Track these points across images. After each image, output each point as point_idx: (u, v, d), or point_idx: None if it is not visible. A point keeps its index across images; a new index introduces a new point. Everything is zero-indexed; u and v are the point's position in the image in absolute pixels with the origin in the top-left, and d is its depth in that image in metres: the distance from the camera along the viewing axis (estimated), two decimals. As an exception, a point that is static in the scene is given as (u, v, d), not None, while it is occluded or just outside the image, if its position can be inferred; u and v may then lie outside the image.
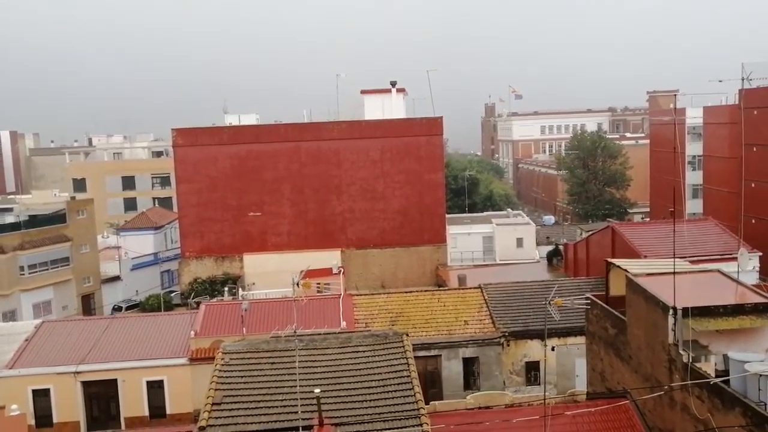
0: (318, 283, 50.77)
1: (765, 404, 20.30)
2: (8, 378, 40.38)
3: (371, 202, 69.96)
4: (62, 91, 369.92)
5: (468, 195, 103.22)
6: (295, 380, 22.26)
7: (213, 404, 22.63)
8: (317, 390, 21.14)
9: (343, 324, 42.67)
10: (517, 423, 25.46)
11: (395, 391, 22.93)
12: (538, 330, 41.63)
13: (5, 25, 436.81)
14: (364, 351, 25.34)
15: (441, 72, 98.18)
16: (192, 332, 42.87)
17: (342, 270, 60.08)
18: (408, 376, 23.62)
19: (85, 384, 41.35)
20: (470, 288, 48.41)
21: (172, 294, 74.15)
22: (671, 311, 23.65)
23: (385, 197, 70.01)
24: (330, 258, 62.80)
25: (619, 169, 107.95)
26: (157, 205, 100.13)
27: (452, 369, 41.93)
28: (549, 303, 28.24)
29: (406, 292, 48.71)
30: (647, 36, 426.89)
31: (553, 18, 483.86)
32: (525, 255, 74.25)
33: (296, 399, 21.64)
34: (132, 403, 41.56)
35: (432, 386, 40.84)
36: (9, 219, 71.73)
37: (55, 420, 40.92)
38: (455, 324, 43.76)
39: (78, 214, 72.40)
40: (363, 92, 75.69)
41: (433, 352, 41.83)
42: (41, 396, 40.76)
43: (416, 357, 26.65)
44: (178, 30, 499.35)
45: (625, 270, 28.80)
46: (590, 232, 61.06)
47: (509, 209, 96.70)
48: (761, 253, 50.02)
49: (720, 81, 58.63)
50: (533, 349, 42.60)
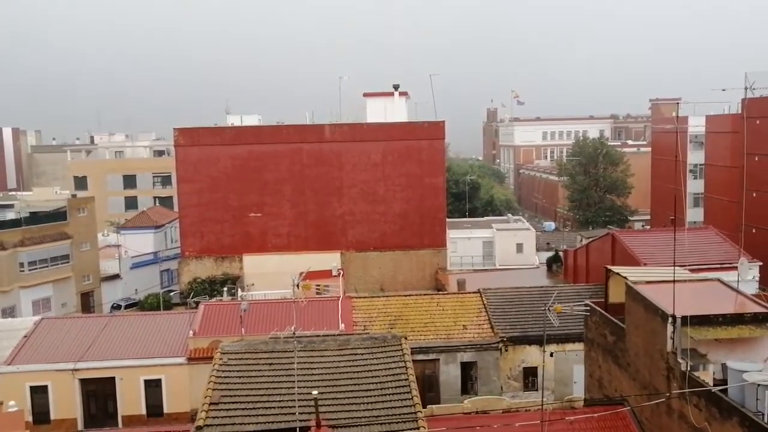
0: (317, 285, 50.81)
1: (763, 414, 20.32)
2: (6, 374, 40.41)
3: (372, 205, 69.96)
4: (65, 89, 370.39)
5: (468, 199, 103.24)
6: (293, 381, 22.27)
7: (210, 404, 22.64)
8: (315, 392, 21.14)
9: (342, 326, 42.67)
10: (515, 428, 25.46)
11: (393, 394, 22.94)
12: (537, 336, 41.65)
13: (9, 23, 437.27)
14: (363, 353, 25.35)
15: (443, 76, 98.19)
16: (191, 332, 42.89)
17: (341, 272, 60.08)
18: (406, 380, 23.63)
19: (83, 381, 41.35)
20: (469, 292, 48.45)
21: (172, 293, 74.17)
22: (670, 319, 23.69)
23: (386, 200, 70.00)
24: (330, 260, 62.78)
25: (621, 177, 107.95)
26: (158, 205, 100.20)
27: (450, 373, 41.93)
28: (548, 309, 28.26)
29: (406, 296, 48.72)
30: (651, 43, 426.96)
31: (557, 24, 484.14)
32: (525, 260, 74.26)
33: (294, 400, 21.65)
34: (129, 402, 41.56)
35: (429, 390, 40.85)
36: (10, 215, 71.76)
37: (53, 417, 40.92)
38: (454, 328, 43.76)
39: (79, 212, 72.43)
40: (365, 95, 75.72)
41: (432, 356, 41.84)
42: (39, 393, 40.79)
43: (414, 360, 26.67)
44: (180, 30, 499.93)
45: (625, 277, 28.84)
46: (590, 239, 61.09)
47: (510, 214, 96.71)
48: (761, 263, 50.05)
49: (723, 90, 58.63)
50: (531, 355, 42.62)
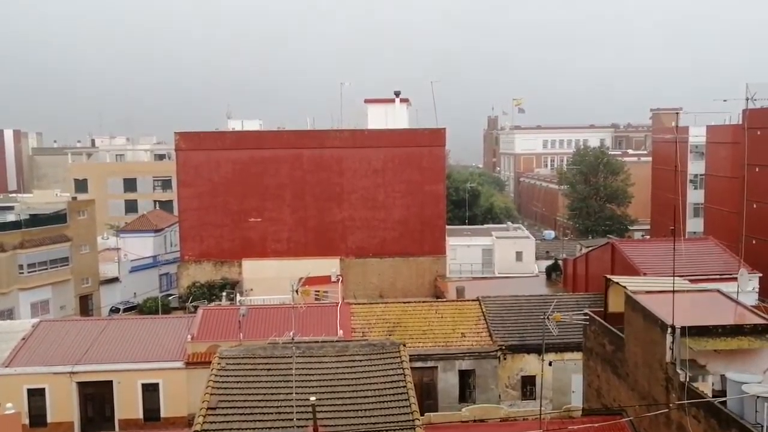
0: (316, 291, 50.77)
1: (762, 426, 20.26)
2: (4, 376, 40.32)
3: (372, 212, 69.94)
4: (67, 91, 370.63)
5: (468, 207, 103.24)
6: (291, 387, 22.26)
7: (208, 408, 22.62)
8: (313, 398, 21.12)
9: (340, 333, 42.60)
10: (512, 437, 25.44)
11: (391, 402, 22.93)
12: (535, 344, 41.57)
13: (11, 23, 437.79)
14: (361, 360, 25.33)
15: (444, 83, 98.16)
16: (189, 336, 42.83)
17: (341, 278, 60.05)
18: (404, 387, 23.61)
19: (81, 385, 41.27)
20: (468, 300, 48.39)
21: (170, 297, 74.08)
22: (669, 330, 23.65)
23: (386, 207, 69.98)
24: (329, 266, 62.75)
25: (621, 186, 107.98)
26: (158, 208, 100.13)
27: (448, 381, 41.86)
28: (547, 318, 28.26)
29: (404, 303, 48.62)
30: (653, 53, 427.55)
31: (559, 33, 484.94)
32: (524, 269, 74.26)
33: (291, 406, 21.63)
34: (127, 405, 41.46)
35: (427, 398, 40.75)
36: (10, 217, 71.74)
37: (50, 420, 40.82)
38: (452, 336, 43.70)
39: (79, 215, 72.40)
40: (366, 101, 75.77)
41: (430, 364, 41.76)
42: (36, 395, 40.68)
43: (412, 368, 26.63)
44: (185, 33, 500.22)
45: (624, 287, 28.80)
46: (590, 248, 61.05)
47: (509, 222, 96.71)
48: (761, 274, 49.98)
49: (724, 100, 58.71)
50: (530, 364, 42.54)
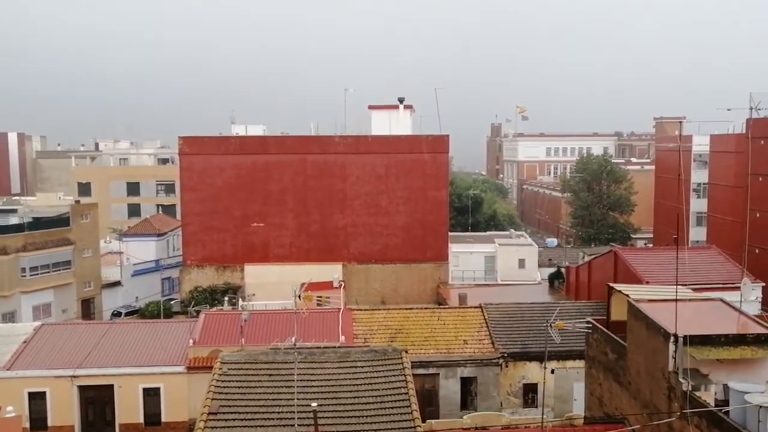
0: (319, 297, 50.73)
1: (764, 436, 20.19)
2: (5, 379, 40.35)
3: (374, 218, 69.95)
4: (71, 95, 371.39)
5: (471, 214, 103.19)
6: (293, 393, 22.22)
7: (209, 413, 22.59)
8: (314, 403, 21.11)
9: (342, 338, 42.57)
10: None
11: (392, 408, 22.89)
12: (538, 352, 41.48)
13: (18, 28, 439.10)
14: (363, 366, 25.30)
15: (448, 90, 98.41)
16: (190, 341, 42.81)
17: (343, 284, 59.99)
18: (406, 393, 23.58)
19: (82, 388, 41.27)
20: (471, 307, 48.29)
21: (172, 302, 74.10)
22: (672, 338, 23.58)
23: (389, 213, 69.98)
24: (331, 271, 62.72)
25: (624, 194, 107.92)
26: (161, 212, 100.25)
27: (450, 388, 41.79)
28: (550, 325, 28.18)
29: (407, 309, 48.59)
30: (657, 62, 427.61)
31: (564, 42, 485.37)
32: (527, 276, 74.15)
33: (293, 412, 21.60)
34: (127, 410, 41.44)
35: (429, 404, 40.69)
36: (13, 220, 71.89)
37: (50, 423, 40.82)
38: (454, 343, 43.64)
39: (82, 218, 72.45)
40: (370, 107, 75.86)
41: (431, 371, 41.72)
42: (37, 399, 40.69)
43: (414, 374, 26.58)
44: (190, 37, 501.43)
45: (627, 295, 28.73)
46: (593, 256, 60.95)
47: (512, 230, 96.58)
48: (764, 284, 49.88)
49: (728, 109, 58.64)
50: (532, 371, 42.45)
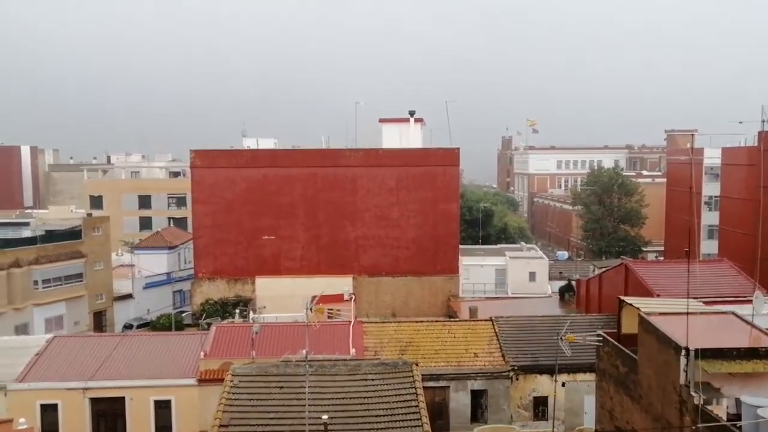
0: (329, 309, 50.77)
1: (776, 450, 20.10)
2: (17, 391, 40.48)
3: (385, 230, 70.00)
4: (84, 109, 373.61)
5: (482, 227, 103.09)
6: (304, 405, 22.26)
7: (221, 426, 22.65)
8: (325, 416, 21.15)
9: (353, 351, 42.55)
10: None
11: (403, 421, 22.90)
12: (548, 365, 41.35)
13: (32, 40, 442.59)
14: (373, 379, 25.32)
15: (459, 103, 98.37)
16: (202, 353, 42.87)
17: (353, 297, 60.02)
18: (416, 406, 23.59)
19: (93, 401, 41.33)
20: (481, 320, 48.22)
21: (184, 314, 74.26)
22: (684, 352, 23.51)
23: (399, 226, 70.03)
24: (342, 284, 62.74)
25: (635, 207, 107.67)
26: (172, 225, 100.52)
27: (460, 401, 41.71)
28: (560, 338, 28.16)
29: (417, 322, 48.57)
30: (668, 73, 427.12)
31: (574, 54, 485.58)
32: (537, 289, 74.03)
33: (304, 425, 21.63)
34: (139, 422, 41.48)
35: (439, 417, 40.62)
36: (26, 233, 72.24)
37: (62, 436, 40.92)
38: (465, 356, 43.56)
39: (94, 231, 72.82)
40: (381, 121, 76.06)
41: (442, 383, 41.64)
42: (49, 411, 40.73)
43: (424, 387, 26.59)
44: (199, 46, 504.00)
45: (638, 308, 28.69)
46: (603, 269, 60.83)
47: (523, 243, 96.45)
48: (776, 297, 49.52)
49: (740, 122, 58.59)
50: (542, 384, 42.33)
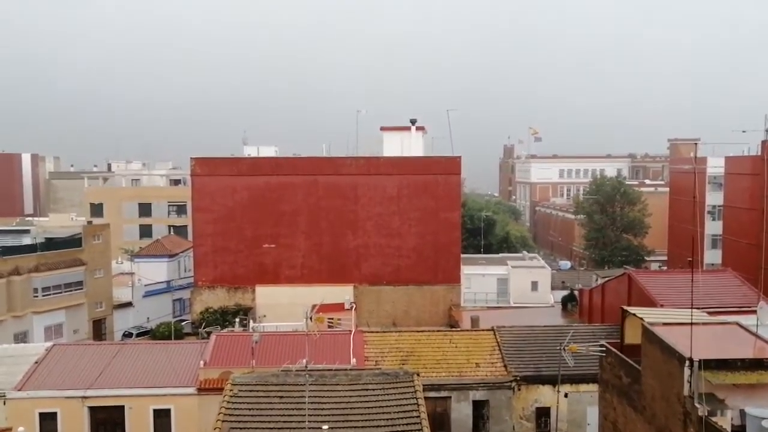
0: (330, 318, 50.55)
1: (783, 463, 19.84)
2: (17, 400, 40.26)
3: (386, 239, 69.81)
4: (85, 116, 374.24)
5: (484, 236, 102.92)
6: (304, 415, 22.03)
7: (219, 436, 22.40)
8: (325, 426, 20.93)
9: (354, 361, 42.26)
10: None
11: (404, 431, 22.64)
12: (551, 375, 41.05)
13: (33, 48, 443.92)
14: (374, 389, 25.09)
15: (461, 112, 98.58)
16: (201, 362, 42.64)
17: (354, 306, 59.78)
18: (417, 417, 23.36)
19: (93, 409, 41.07)
20: (483, 330, 47.93)
21: (183, 323, 74.05)
22: (687, 362, 23.30)
23: (401, 234, 69.85)
24: (342, 293, 62.56)
25: (638, 216, 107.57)
26: (173, 233, 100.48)
27: (462, 411, 41.39)
28: (563, 348, 27.92)
29: (418, 332, 48.28)
30: (673, 82, 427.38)
31: (577, 62, 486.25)
32: (539, 299, 73.80)
33: (303, 435, 21.38)
34: (138, 431, 41.22)
35: (440, 428, 40.32)
36: (26, 241, 72.20)
37: (61, 444, 40.65)
38: (466, 366, 43.26)
39: (94, 239, 72.74)
40: (382, 129, 75.97)
41: (443, 394, 41.33)
42: (48, 419, 40.49)
43: (426, 397, 26.35)
44: (202, 55, 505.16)
45: (642, 318, 28.49)
46: (606, 279, 60.61)
47: (525, 252, 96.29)
48: (780, 307, 49.26)
49: (743, 131, 58.43)
50: (545, 395, 41.99)
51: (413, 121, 75.10)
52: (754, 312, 32.74)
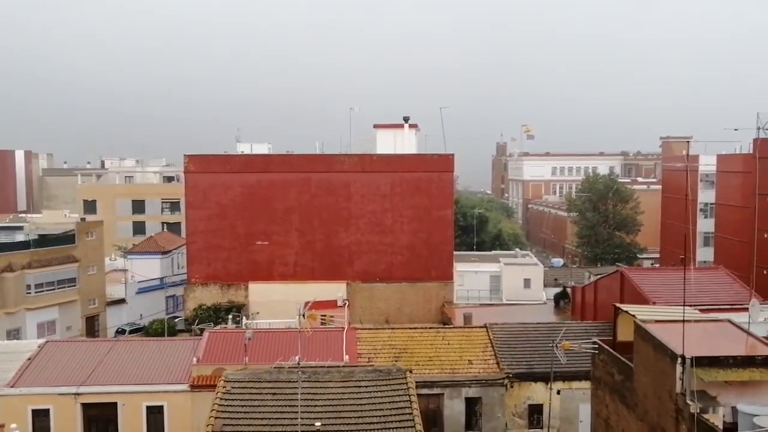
0: (323, 315, 50.53)
1: (773, 459, 19.94)
2: (9, 396, 40.14)
3: (379, 236, 69.85)
4: (79, 113, 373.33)
5: (476, 233, 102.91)
6: (297, 412, 22.05)
7: (212, 433, 22.41)
8: (318, 423, 20.95)
9: (346, 358, 42.28)
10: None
11: (396, 428, 22.71)
12: (543, 372, 41.14)
13: (28, 44, 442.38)
14: (367, 386, 25.13)
15: (453, 109, 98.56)
16: (194, 359, 42.60)
17: (347, 303, 59.81)
18: (410, 414, 23.39)
19: (85, 406, 41.00)
20: (476, 327, 47.96)
21: (176, 319, 73.95)
22: (679, 360, 23.38)
23: (393, 232, 69.90)
24: (335, 290, 62.56)
25: (630, 214, 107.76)
26: (166, 230, 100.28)
27: (454, 408, 41.45)
28: (556, 346, 28.01)
29: (411, 329, 48.30)
30: (666, 81, 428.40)
31: (570, 60, 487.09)
32: (532, 296, 73.84)
33: (297, 431, 21.40)
34: (131, 428, 41.13)
35: (433, 425, 40.38)
36: (19, 237, 71.96)
37: (53, 441, 40.57)
38: (459, 363, 43.33)
39: (87, 236, 72.56)
40: (375, 126, 76.03)
41: (436, 391, 41.37)
42: (41, 416, 40.40)
43: (418, 394, 26.39)
44: (198, 53, 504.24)
45: (634, 316, 28.57)
46: (599, 276, 60.70)
47: (517, 249, 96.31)
48: (772, 305, 49.45)
49: (735, 129, 58.61)
50: (537, 392, 42.07)
51: (406, 119, 75.17)
52: (746, 309, 32.86)
